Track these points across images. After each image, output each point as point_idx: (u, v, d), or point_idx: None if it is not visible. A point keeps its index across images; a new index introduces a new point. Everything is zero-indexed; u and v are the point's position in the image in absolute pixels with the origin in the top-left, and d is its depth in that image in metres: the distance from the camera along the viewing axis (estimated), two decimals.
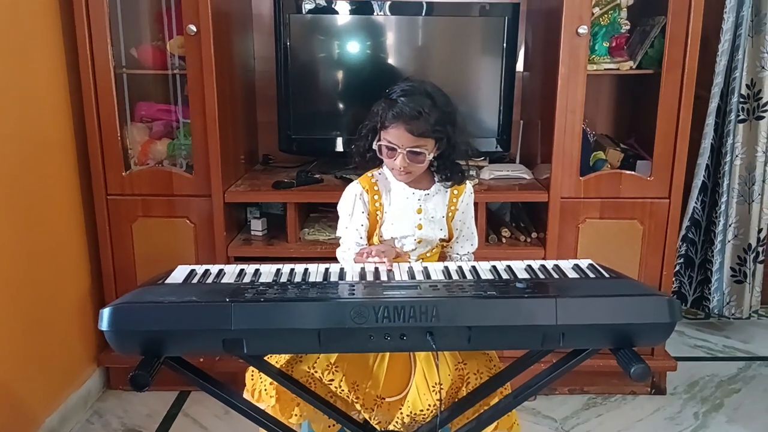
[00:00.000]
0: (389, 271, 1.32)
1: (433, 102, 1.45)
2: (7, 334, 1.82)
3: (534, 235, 2.26)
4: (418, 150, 1.45)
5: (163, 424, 2.12)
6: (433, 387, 1.38)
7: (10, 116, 1.82)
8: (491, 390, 1.36)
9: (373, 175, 1.58)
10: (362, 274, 1.29)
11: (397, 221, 1.54)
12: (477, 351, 1.42)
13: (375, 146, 1.50)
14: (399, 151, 1.45)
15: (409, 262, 1.53)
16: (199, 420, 2.15)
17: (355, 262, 1.45)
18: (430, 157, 1.49)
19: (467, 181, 1.60)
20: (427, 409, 1.37)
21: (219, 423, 2.12)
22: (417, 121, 1.42)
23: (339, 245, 1.61)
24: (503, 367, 1.41)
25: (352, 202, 1.57)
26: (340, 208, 1.60)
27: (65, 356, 2.11)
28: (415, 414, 1.38)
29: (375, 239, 1.56)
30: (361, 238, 1.56)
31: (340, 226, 1.60)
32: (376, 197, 1.56)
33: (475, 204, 1.72)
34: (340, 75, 2.37)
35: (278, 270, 1.27)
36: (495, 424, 1.39)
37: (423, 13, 2.30)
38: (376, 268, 1.33)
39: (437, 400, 1.36)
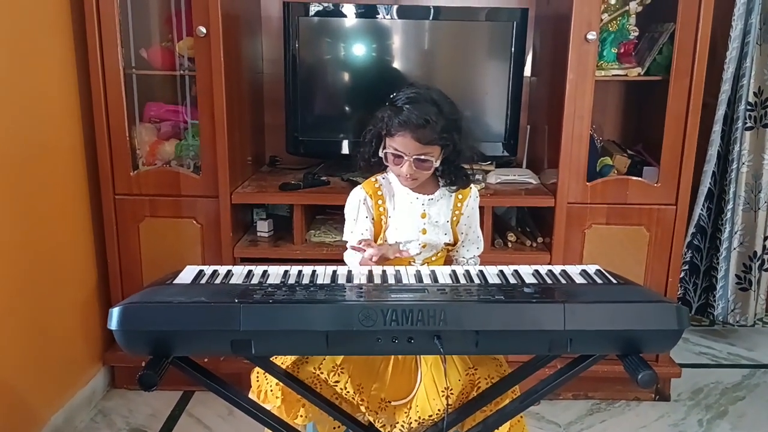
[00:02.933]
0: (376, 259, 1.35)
1: (439, 110, 1.44)
2: (13, 332, 1.83)
3: (540, 239, 2.26)
4: (424, 157, 1.45)
5: (167, 424, 2.13)
6: (443, 392, 1.38)
7: (19, 115, 1.83)
8: (497, 394, 1.36)
9: (377, 180, 1.59)
10: (370, 277, 1.29)
11: (402, 226, 1.55)
12: (487, 356, 1.43)
13: (381, 153, 1.50)
14: (406, 158, 1.45)
15: (414, 264, 1.54)
16: (203, 420, 2.15)
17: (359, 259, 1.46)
18: (437, 163, 1.49)
19: (472, 185, 1.60)
20: (437, 414, 1.37)
21: (223, 423, 2.13)
22: (424, 130, 1.42)
23: (345, 248, 1.62)
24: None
25: (356, 207, 1.57)
26: (345, 212, 1.61)
27: (70, 355, 2.12)
28: (423, 420, 1.38)
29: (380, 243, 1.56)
30: None
31: (346, 230, 1.61)
32: (380, 202, 1.56)
33: (482, 208, 1.72)
34: (347, 78, 2.38)
35: (286, 272, 1.28)
36: (507, 431, 1.39)
37: (430, 17, 2.30)
38: (384, 271, 1.33)
39: (447, 405, 1.36)
